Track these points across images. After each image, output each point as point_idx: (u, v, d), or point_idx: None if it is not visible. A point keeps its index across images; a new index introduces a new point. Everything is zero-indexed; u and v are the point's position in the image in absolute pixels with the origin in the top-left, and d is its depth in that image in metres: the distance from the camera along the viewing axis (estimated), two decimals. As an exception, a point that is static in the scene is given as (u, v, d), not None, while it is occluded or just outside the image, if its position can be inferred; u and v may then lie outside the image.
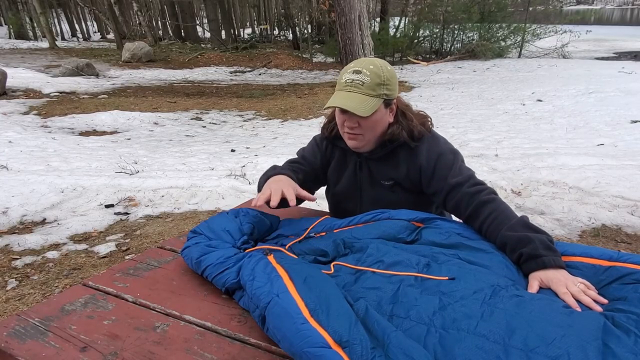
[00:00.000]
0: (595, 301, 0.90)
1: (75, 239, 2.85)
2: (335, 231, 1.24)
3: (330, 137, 1.43)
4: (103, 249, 2.70)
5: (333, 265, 1.06)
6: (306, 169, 1.45)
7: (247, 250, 1.13)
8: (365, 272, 1.01)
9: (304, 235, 1.22)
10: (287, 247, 1.16)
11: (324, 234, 1.25)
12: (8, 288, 2.30)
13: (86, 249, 2.72)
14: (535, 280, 0.98)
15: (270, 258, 1.01)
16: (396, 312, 0.86)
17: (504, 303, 0.85)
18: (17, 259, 2.58)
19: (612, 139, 4.71)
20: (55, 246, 2.74)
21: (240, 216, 1.28)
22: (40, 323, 0.93)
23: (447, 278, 0.94)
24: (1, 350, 0.86)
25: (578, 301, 0.90)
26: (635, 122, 5.40)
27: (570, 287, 0.94)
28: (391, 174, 1.34)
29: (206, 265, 1.06)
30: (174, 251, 1.26)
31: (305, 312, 0.80)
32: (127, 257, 2.57)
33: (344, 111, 1.25)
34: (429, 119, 1.38)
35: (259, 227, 1.28)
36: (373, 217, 1.25)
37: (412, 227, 1.20)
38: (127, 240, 2.82)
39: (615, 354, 0.72)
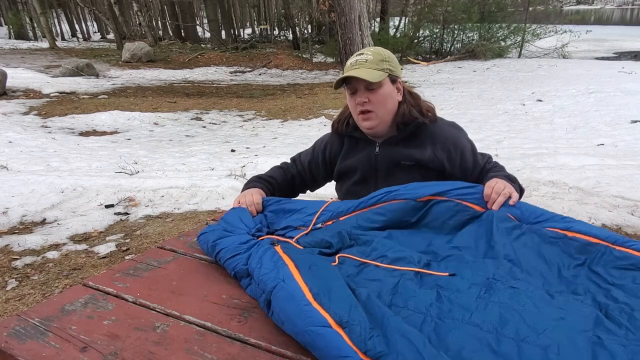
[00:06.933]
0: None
1: (75, 239, 2.85)
2: (341, 219, 1.25)
3: (343, 130, 1.47)
4: (103, 249, 2.70)
5: (338, 257, 1.08)
6: (292, 172, 1.58)
7: (260, 239, 1.16)
8: (369, 265, 1.04)
9: (310, 227, 1.24)
10: (294, 239, 1.18)
11: (330, 222, 1.25)
12: (8, 288, 2.30)
13: (86, 249, 2.72)
14: (486, 184, 1.23)
15: (277, 248, 1.04)
16: (395, 302, 0.89)
17: (498, 296, 0.88)
18: (17, 259, 2.58)
19: (612, 139, 4.71)
20: (55, 246, 2.74)
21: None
22: (40, 323, 0.93)
23: (447, 274, 0.98)
24: (1, 350, 0.86)
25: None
26: (635, 122, 5.40)
27: (499, 186, 1.20)
28: (415, 154, 1.37)
29: (220, 249, 1.11)
30: (174, 251, 1.26)
31: (309, 296, 0.84)
32: (127, 257, 2.57)
33: (353, 92, 1.33)
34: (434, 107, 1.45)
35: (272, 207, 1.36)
36: (378, 200, 1.25)
37: (418, 206, 1.21)
38: (127, 241, 2.82)
39: (605, 346, 0.74)
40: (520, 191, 1.29)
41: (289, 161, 1.62)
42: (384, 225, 1.21)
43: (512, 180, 1.31)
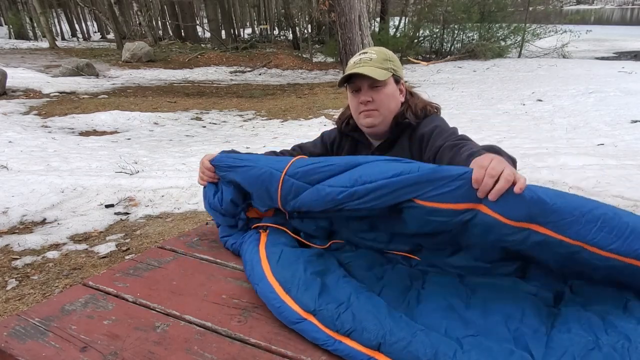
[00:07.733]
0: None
1: (75, 239, 2.85)
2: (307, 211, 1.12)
3: (343, 129, 1.46)
4: (103, 249, 2.70)
5: (332, 243, 1.18)
6: (294, 155, 1.42)
7: (253, 227, 1.26)
8: (362, 249, 1.16)
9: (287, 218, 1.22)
10: (287, 216, 1.22)
11: (299, 212, 1.14)
12: (8, 288, 2.30)
13: (86, 249, 2.72)
14: (474, 163, 0.86)
15: (263, 237, 1.14)
16: (386, 275, 1.03)
17: (476, 282, 1.00)
18: (17, 259, 2.58)
19: (612, 139, 4.71)
20: (55, 246, 2.74)
21: (220, 199, 1.29)
22: (41, 323, 0.93)
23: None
24: (1, 350, 0.86)
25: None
26: (635, 121, 5.40)
27: (495, 165, 0.81)
28: (399, 155, 1.31)
29: (232, 251, 1.25)
30: (174, 251, 1.27)
31: (280, 292, 0.94)
32: (127, 257, 2.57)
33: (356, 91, 1.32)
34: (435, 106, 1.43)
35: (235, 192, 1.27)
36: (339, 207, 1.01)
37: (386, 208, 1.00)
38: (127, 240, 2.82)
39: (562, 314, 0.85)
40: (513, 163, 0.97)
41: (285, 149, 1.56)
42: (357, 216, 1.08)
43: (498, 152, 0.98)
